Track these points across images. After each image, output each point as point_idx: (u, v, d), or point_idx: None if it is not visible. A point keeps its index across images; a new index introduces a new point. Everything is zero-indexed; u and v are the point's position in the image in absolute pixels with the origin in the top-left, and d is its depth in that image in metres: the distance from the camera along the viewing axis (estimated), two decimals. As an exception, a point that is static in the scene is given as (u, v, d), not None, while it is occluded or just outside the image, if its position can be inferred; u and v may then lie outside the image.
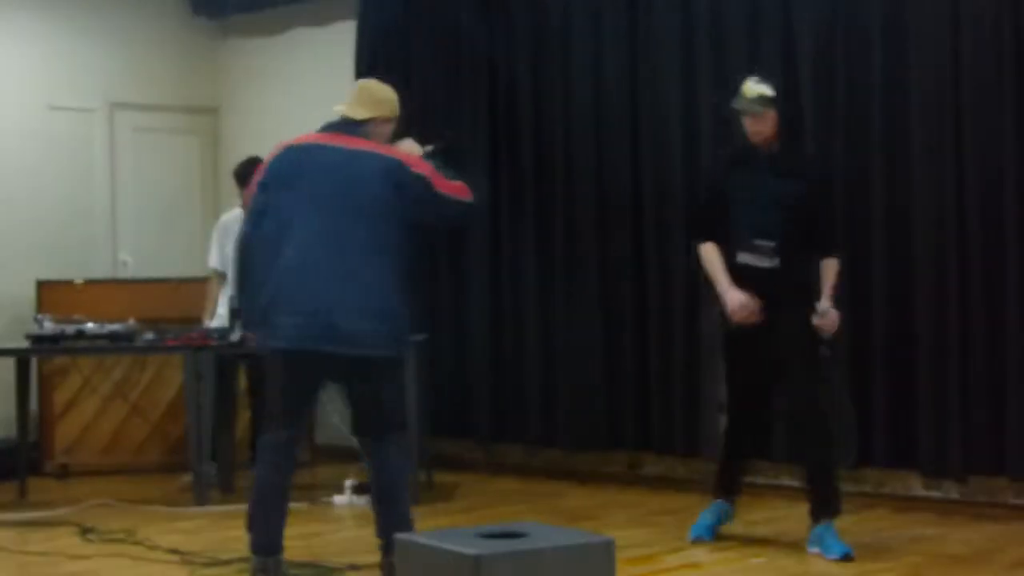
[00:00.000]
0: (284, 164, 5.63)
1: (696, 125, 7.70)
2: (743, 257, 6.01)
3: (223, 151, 10.29)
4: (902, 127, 7.00)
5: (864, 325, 7.07)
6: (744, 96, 6.06)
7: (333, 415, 8.44)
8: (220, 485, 7.98)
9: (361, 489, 7.58)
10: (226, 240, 8.56)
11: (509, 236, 8.56)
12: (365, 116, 5.65)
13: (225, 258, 8.53)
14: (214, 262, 8.60)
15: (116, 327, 7.74)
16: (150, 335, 7.76)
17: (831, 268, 6.11)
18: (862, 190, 7.13)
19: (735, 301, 5.96)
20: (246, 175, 8.40)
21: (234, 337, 7.56)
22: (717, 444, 6.56)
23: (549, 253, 8.37)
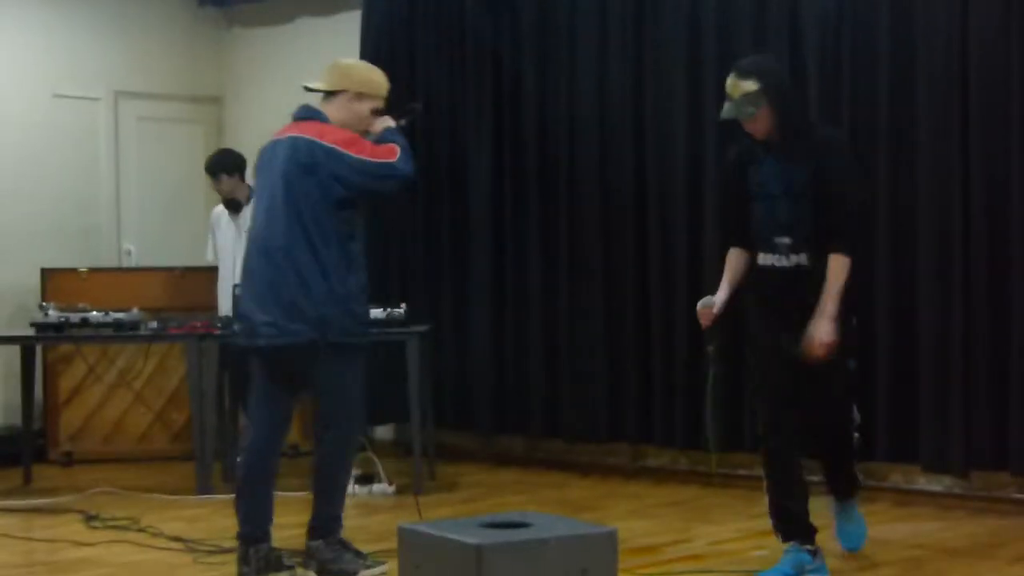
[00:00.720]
0: (258, 163, 5.78)
1: (701, 120, 7.69)
2: (764, 258, 5.45)
3: (227, 140, 10.27)
4: (908, 126, 6.99)
5: (867, 319, 7.08)
6: (731, 97, 5.38)
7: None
8: (224, 473, 8.00)
9: (363, 478, 7.61)
10: (216, 232, 8.61)
11: (512, 228, 8.57)
12: (324, 87, 5.66)
13: (217, 250, 8.59)
14: (208, 255, 8.66)
15: (120, 316, 7.76)
16: (154, 324, 7.78)
17: (834, 267, 5.31)
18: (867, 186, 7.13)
19: (699, 304, 5.73)
20: (214, 168, 8.47)
21: (237, 327, 7.55)
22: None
23: (552, 246, 8.37)
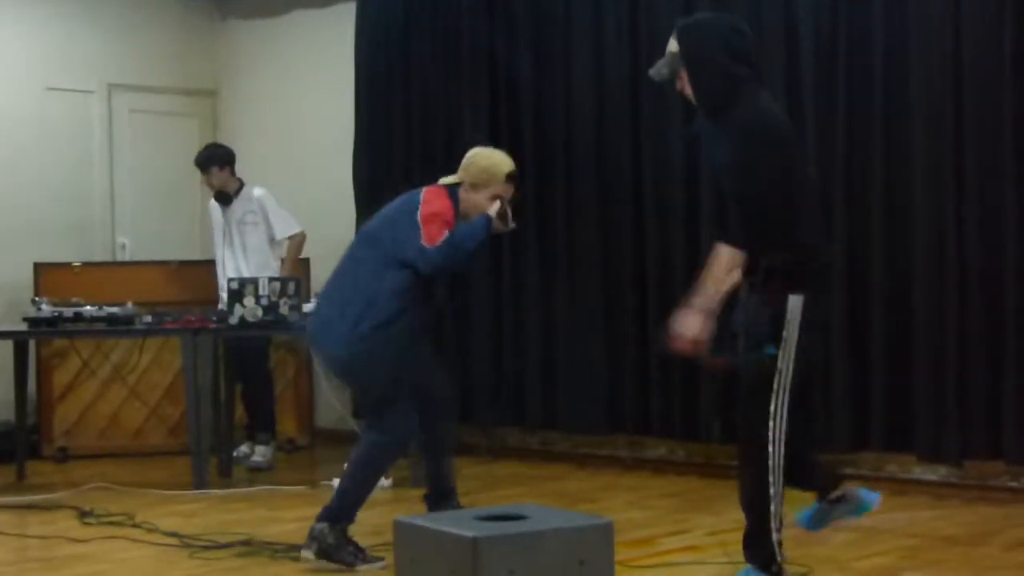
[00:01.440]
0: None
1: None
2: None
3: (222, 133, 10.28)
4: (903, 119, 6.99)
5: (863, 309, 7.08)
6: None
7: (333, 399, 8.46)
8: (220, 468, 8.00)
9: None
10: (210, 225, 8.65)
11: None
12: (452, 181, 5.96)
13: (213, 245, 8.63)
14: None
15: (114, 310, 7.73)
16: (148, 318, 7.76)
17: (710, 257, 4.83)
18: (861, 176, 7.13)
19: None
20: (205, 163, 8.49)
21: (232, 320, 7.56)
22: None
23: (550, 239, 8.37)
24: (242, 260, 8.47)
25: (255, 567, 5.63)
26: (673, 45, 4.94)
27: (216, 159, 8.54)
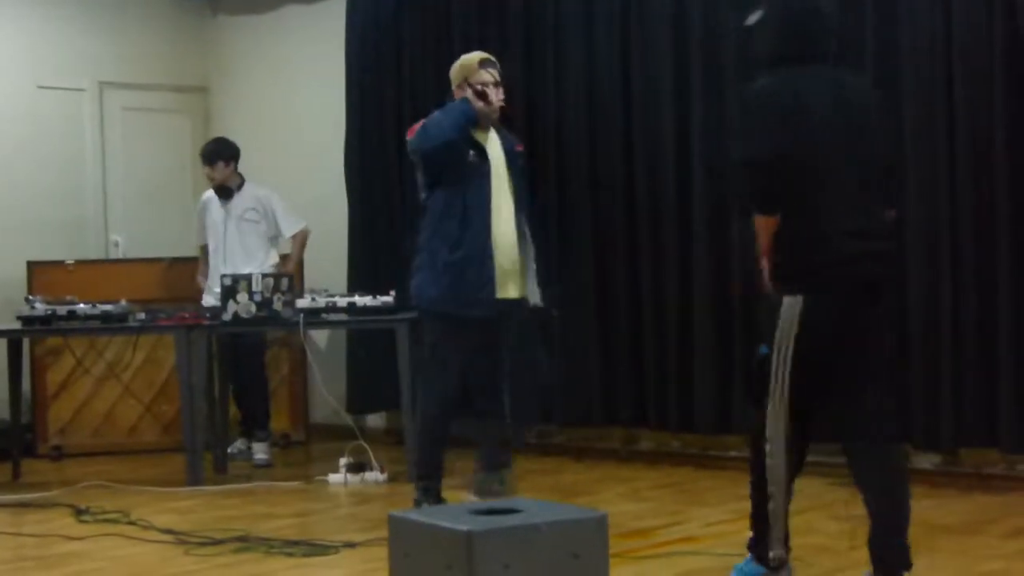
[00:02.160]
0: None
1: (688, 110, 7.68)
2: None
3: (214, 130, 10.26)
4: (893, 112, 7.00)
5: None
6: None
7: (327, 394, 8.45)
8: (215, 464, 8.00)
9: (355, 467, 7.60)
10: (206, 216, 8.62)
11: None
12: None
13: (207, 233, 8.63)
14: (198, 239, 8.71)
15: (108, 307, 7.72)
16: (142, 315, 7.76)
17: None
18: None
19: None
20: (212, 156, 8.48)
21: (226, 316, 7.56)
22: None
23: (544, 232, 8.35)
24: (239, 257, 8.44)
25: (250, 563, 5.62)
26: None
27: (223, 154, 8.54)
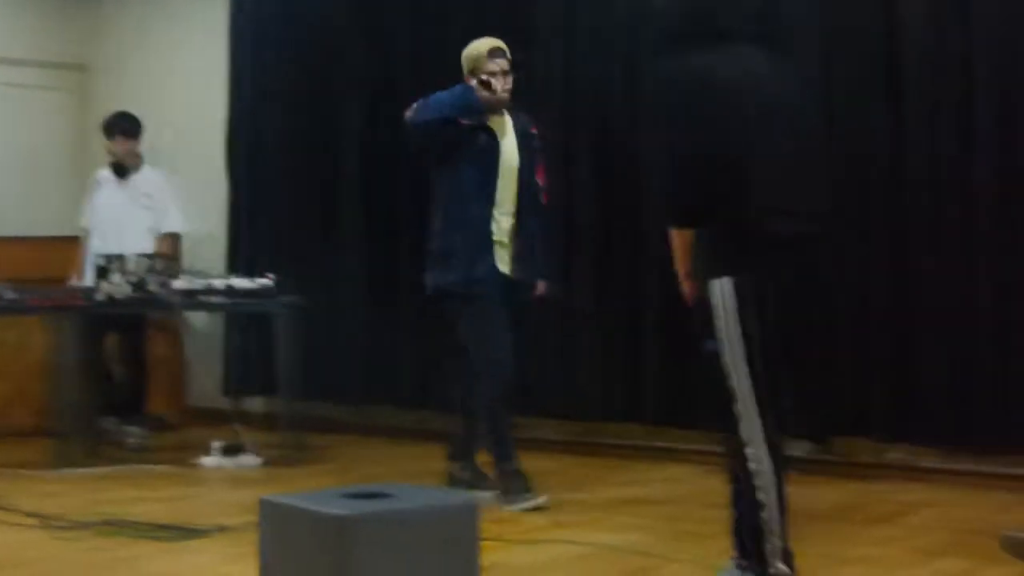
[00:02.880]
0: None
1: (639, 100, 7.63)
2: None
3: (94, 108, 10.11)
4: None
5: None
6: None
7: (204, 377, 8.39)
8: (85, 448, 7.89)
9: (229, 450, 7.54)
10: (96, 196, 8.46)
11: (383, 197, 8.53)
12: None
13: (93, 214, 8.44)
14: (83, 220, 8.52)
15: (-24, 287, 7.59)
16: (13, 295, 7.61)
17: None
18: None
19: None
20: (113, 128, 8.32)
21: (99, 297, 7.45)
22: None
23: (422, 217, 8.32)
24: (129, 241, 8.22)
25: (118, 547, 5.54)
26: None
27: (126, 128, 8.33)
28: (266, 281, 7.66)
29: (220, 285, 7.66)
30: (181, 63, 9.77)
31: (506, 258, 6.33)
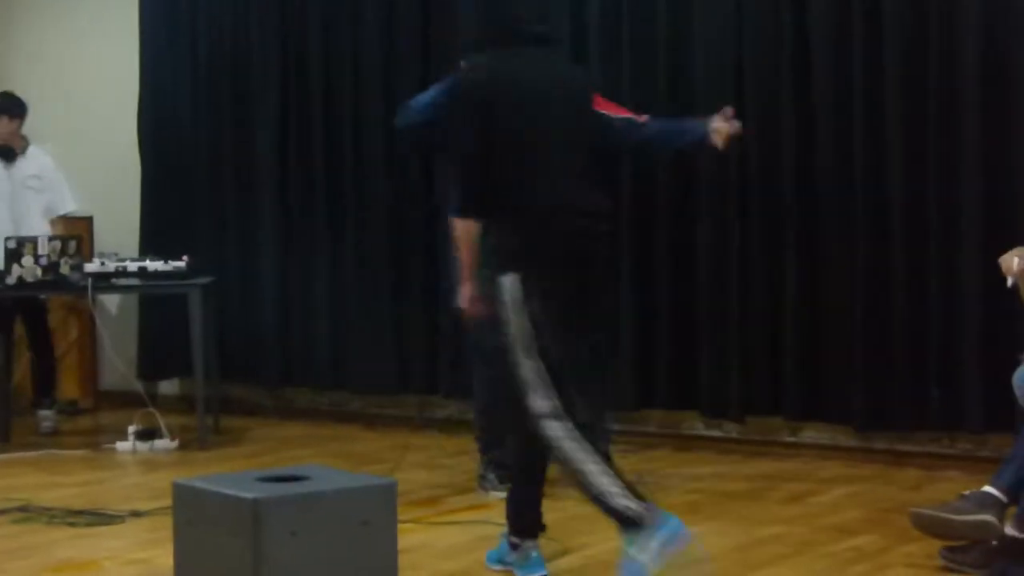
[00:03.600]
0: None
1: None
2: None
3: (1, 86, 9.95)
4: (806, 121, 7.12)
5: (646, 268, 7.19)
6: None
7: (117, 361, 8.29)
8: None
9: (144, 434, 7.47)
10: None
11: (298, 175, 8.48)
12: None
13: None
14: None
15: None
16: (-81, 279, 7.49)
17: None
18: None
19: None
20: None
21: (10, 280, 7.34)
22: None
23: (338, 192, 8.31)
24: (24, 222, 8.07)
25: (31, 533, 5.48)
26: None
27: (10, 109, 8.09)
28: (180, 263, 7.58)
29: (133, 267, 7.57)
30: (92, 42, 9.62)
31: None
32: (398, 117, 6.07)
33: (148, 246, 8.74)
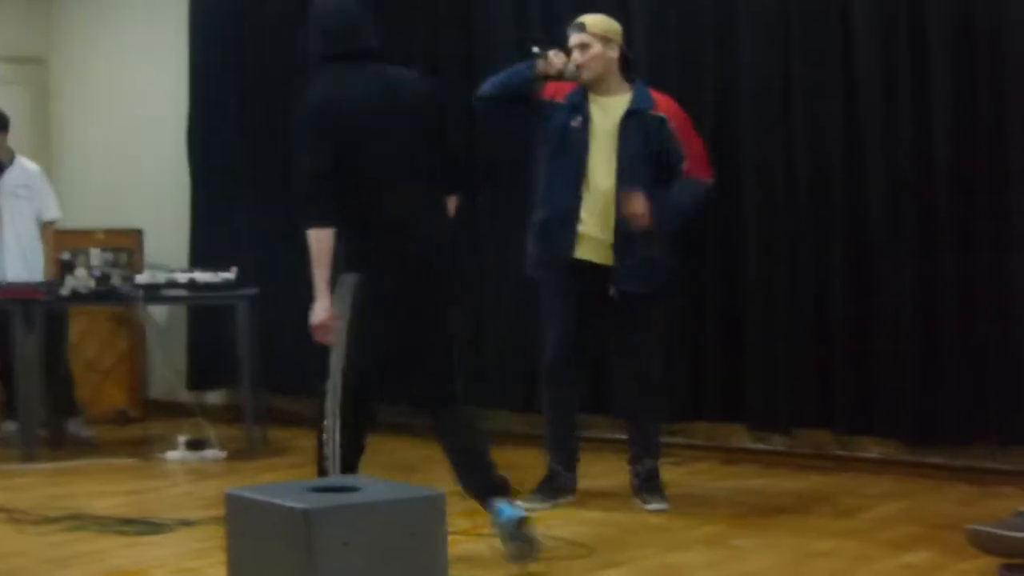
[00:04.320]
0: None
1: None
2: None
3: (52, 103, 10.08)
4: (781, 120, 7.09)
5: (695, 280, 7.17)
6: None
7: (165, 370, 8.34)
8: (50, 441, 7.85)
9: (193, 444, 7.51)
10: None
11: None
12: None
13: None
14: None
15: (-60, 280, 7.54)
16: (-30, 288, 7.58)
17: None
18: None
19: None
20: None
21: (63, 291, 7.41)
22: None
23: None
24: (15, 235, 8.08)
25: (83, 542, 5.53)
26: None
27: (4, 123, 8.11)
28: (228, 275, 7.64)
29: (183, 279, 7.63)
30: (141, 55, 9.70)
31: (589, 243, 5.98)
32: (481, 87, 6.09)
33: (197, 258, 8.79)
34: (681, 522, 5.73)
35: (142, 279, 7.53)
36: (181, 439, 7.52)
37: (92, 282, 7.41)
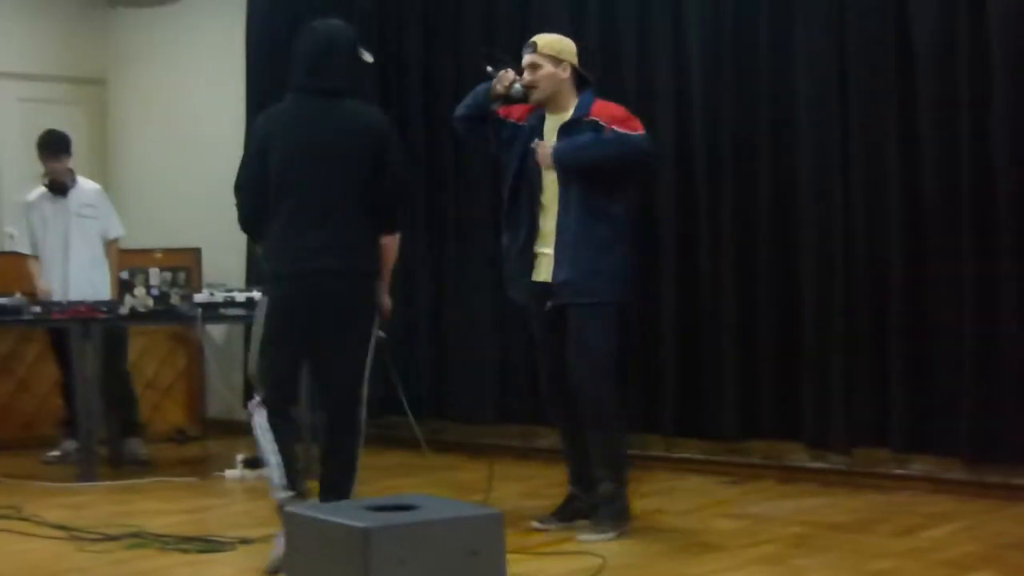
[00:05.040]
0: None
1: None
2: None
3: (111, 123, 10.18)
4: (788, 116, 7.10)
5: (750, 299, 7.16)
6: None
7: (224, 389, 8.40)
8: (109, 459, 7.92)
9: (252, 463, 7.54)
10: (35, 217, 8.34)
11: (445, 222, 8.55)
12: None
13: (37, 237, 8.33)
14: (23, 245, 8.41)
15: (3, 300, 7.61)
16: (37, 308, 7.65)
17: None
18: (750, 166, 7.21)
19: None
20: (58, 147, 8.22)
21: (123, 310, 7.48)
22: None
23: (439, 222, 8.38)
24: (83, 253, 8.26)
25: (144, 559, 5.57)
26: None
27: (66, 145, 8.25)
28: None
29: (240, 297, 7.67)
30: (199, 75, 9.80)
31: (542, 262, 5.98)
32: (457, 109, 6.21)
33: (255, 277, 8.83)
34: (740, 541, 5.71)
35: (200, 298, 7.59)
36: (239, 457, 7.57)
37: (151, 301, 7.47)
